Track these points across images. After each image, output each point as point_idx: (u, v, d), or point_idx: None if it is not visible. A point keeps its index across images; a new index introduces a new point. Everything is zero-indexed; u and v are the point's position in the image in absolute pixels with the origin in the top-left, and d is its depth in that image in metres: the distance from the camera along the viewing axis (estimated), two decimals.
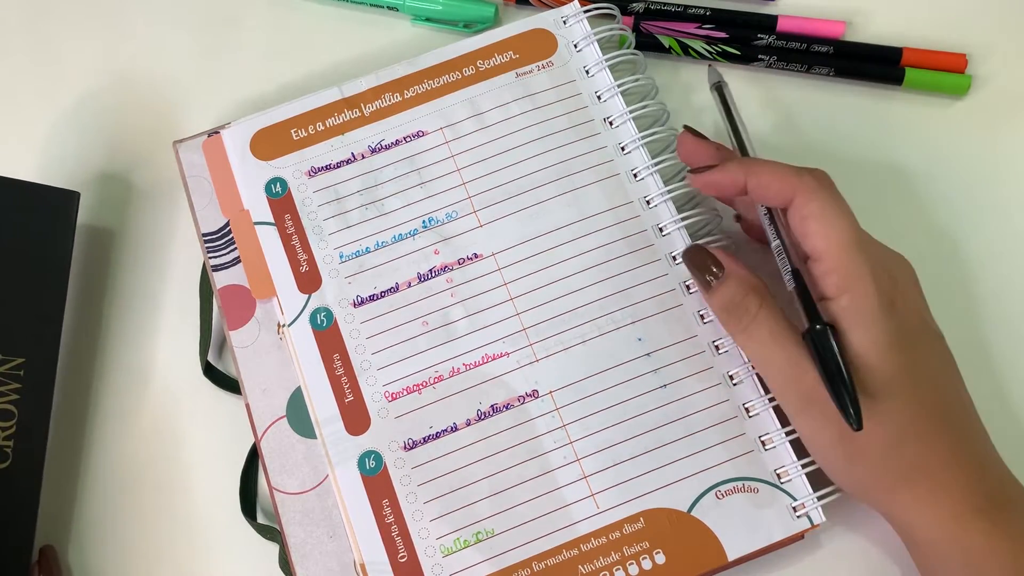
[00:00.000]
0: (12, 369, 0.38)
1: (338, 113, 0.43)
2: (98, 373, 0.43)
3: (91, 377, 0.43)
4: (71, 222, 0.42)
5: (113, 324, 0.44)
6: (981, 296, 0.43)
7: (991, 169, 0.45)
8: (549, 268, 0.41)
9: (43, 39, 0.49)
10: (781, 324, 0.35)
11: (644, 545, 0.37)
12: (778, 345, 0.35)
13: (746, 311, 0.36)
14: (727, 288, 0.37)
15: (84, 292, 0.45)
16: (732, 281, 0.37)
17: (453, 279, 0.41)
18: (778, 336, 0.35)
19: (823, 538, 0.39)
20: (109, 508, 0.42)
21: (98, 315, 0.44)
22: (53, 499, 0.41)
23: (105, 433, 0.43)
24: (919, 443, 0.34)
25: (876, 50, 0.47)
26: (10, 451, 0.38)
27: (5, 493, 0.38)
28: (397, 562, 0.37)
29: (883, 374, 0.34)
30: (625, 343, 0.39)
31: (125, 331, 0.44)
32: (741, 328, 0.36)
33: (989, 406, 0.37)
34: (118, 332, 0.44)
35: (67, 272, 0.41)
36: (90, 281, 0.45)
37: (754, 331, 0.36)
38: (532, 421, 0.39)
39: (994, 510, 0.33)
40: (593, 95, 0.43)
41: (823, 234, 0.35)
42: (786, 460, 0.38)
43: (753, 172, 0.36)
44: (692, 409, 0.38)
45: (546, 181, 0.42)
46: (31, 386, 0.39)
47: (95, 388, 0.43)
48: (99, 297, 0.45)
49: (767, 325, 0.35)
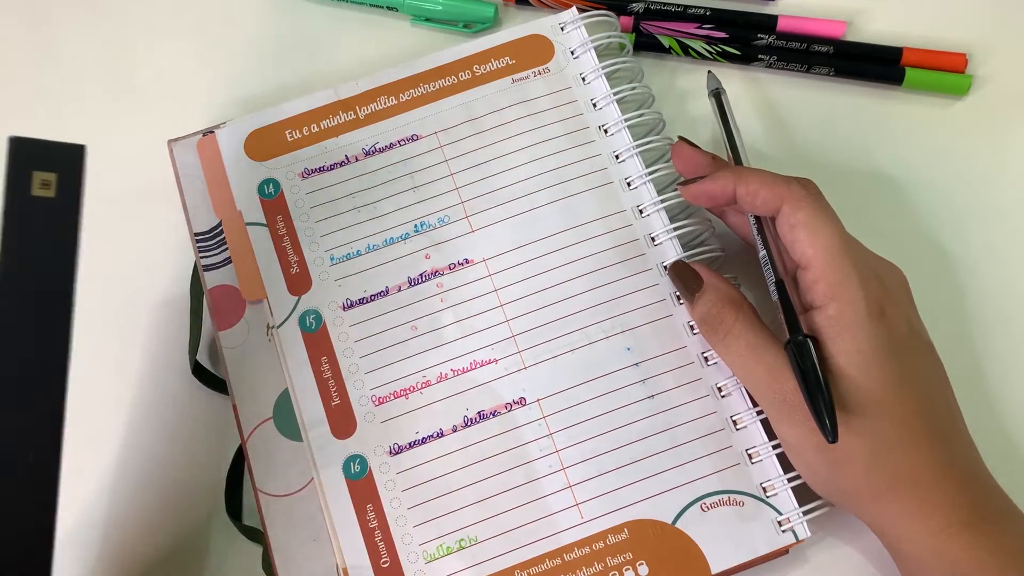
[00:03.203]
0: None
1: (333, 115, 0.43)
2: (85, 371, 0.43)
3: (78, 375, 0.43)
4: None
5: (102, 322, 0.44)
6: (979, 297, 0.43)
7: (991, 169, 0.45)
8: (540, 275, 0.41)
9: (43, 38, 0.49)
10: (759, 334, 0.36)
11: (628, 556, 0.37)
12: (756, 355, 0.35)
13: (722, 323, 0.36)
14: (705, 301, 0.37)
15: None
16: (710, 294, 0.37)
17: (443, 284, 0.41)
18: (756, 347, 0.35)
19: (808, 552, 0.39)
20: (93, 506, 0.42)
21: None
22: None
23: (90, 431, 0.43)
24: (905, 453, 0.34)
25: (876, 50, 0.47)
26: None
27: (23, 485, 0.35)
28: (380, 567, 0.37)
29: (870, 382, 0.34)
30: (614, 353, 0.39)
31: (114, 329, 0.44)
32: (719, 339, 0.37)
33: (979, 418, 0.36)
34: (107, 330, 0.44)
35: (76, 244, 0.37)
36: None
37: (731, 343, 0.36)
38: (519, 429, 0.39)
39: (981, 523, 0.33)
40: (589, 102, 0.43)
41: (811, 242, 0.35)
42: (772, 474, 0.38)
43: (743, 180, 0.36)
44: (679, 420, 0.38)
45: (539, 188, 0.42)
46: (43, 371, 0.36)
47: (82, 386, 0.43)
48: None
49: (744, 337, 0.36)
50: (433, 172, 0.42)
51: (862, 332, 0.34)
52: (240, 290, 0.41)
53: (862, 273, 0.35)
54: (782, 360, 0.35)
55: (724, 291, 0.37)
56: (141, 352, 0.44)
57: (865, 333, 0.34)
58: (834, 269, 0.34)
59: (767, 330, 0.36)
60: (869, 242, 0.37)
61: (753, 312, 0.37)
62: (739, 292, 0.38)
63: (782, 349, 0.35)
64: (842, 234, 0.35)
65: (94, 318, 0.44)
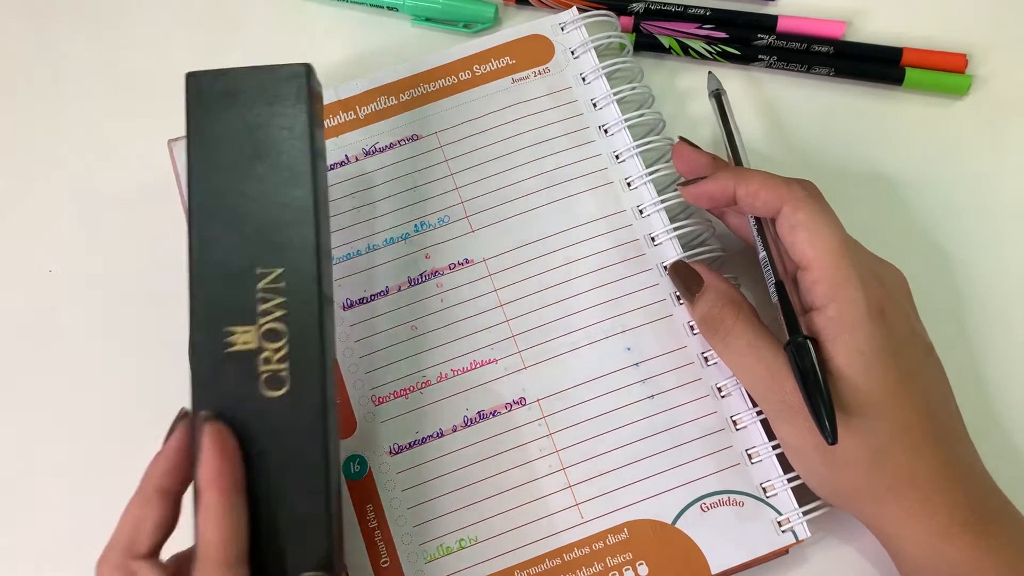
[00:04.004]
0: (272, 282, 0.33)
1: (332, 115, 0.43)
2: (84, 371, 0.43)
3: (77, 375, 0.43)
4: (304, 98, 0.35)
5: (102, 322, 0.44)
6: (979, 298, 0.43)
7: (991, 169, 0.45)
8: (540, 275, 0.41)
9: (43, 38, 0.49)
10: (759, 335, 0.36)
11: (627, 556, 0.37)
12: (755, 355, 0.35)
13: (722, 323, 0.36)
14: (705, 301, 0.37)
15: None
16: (710, 294, 0.37)
17: (443, 284, 0.41)
18: (755, 347, 0.35)
19: (808, 552, 0.39)
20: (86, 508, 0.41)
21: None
22: None
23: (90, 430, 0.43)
24: (905, 454, 0.34)
25: (876, 50, 0.47)
26: (286, 375, 0.32)
27: (290, 425, 0.32)
28: (380, 567, 0.37)
29: (870, 383, 0.34)
30: (614, 353, 0.39)
31: (113, 330, 0.44)
32: (720, 339, 0.37)
33: (978, 419, 0.36)
34: (106, 331, 0.44)
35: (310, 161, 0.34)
36: None
37: (731, 342, 0.36)
38: (518, 429, 0.39)
39: (981, 523, 0.33)
40: (589, 102, 0.43)
41: (811, 242, 0.35)
42: (772, 474, 0.38)
43: (743, 181, 0.36)
44: (679, 421, 0.38)
45: (539, 188, 0.42)
46: (297, 300, 0.33)
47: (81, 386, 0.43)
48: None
49: (744, 337, 0.36)
50: (433, 172, 0.42)
51: (862, 333, 0.34)
52: None
53: (862, 274, 0.35)
54: (782, 360, 0.35)
55: (725, 291, 0.37)
56: (139, 352, 0.44)
57: (865, 334, 0.34)
58: (834, 270, 0.34)
59: (767, 331, 0.36)
60: (869, 242, 0.37)
61: (753, 312, 0.37)
62: (739, 292, 0.38)
63: (782, 350, 0.35)
64: (842, 235, 0.35)
65: (93, 318, 0.44)
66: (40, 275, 0.45)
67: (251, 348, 0.32)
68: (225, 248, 0.33)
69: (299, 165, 0.33)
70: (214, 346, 0.32)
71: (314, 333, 0.32)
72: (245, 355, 0.32)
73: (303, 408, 0.32)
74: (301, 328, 0.32)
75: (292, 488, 0.32)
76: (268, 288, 0.33)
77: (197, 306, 0.33)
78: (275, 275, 0.33)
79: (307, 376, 0.32)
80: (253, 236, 0.33)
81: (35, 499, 0.42)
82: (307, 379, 0.32)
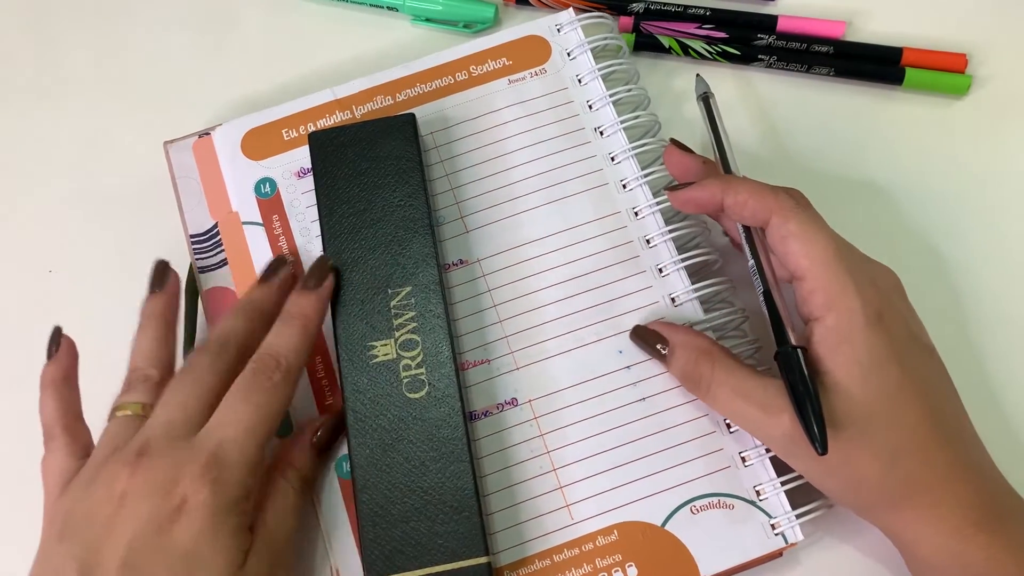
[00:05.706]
0: (403, 299, 0.38)
1: (330, 114, 0.44)
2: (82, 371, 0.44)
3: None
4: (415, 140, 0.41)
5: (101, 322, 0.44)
6: (979, 298, 0.43)
7: (991, 169, 0.45)
8: (534, 276, 0.41)
9: (43, 38, 0.50)
10: (740, 376, 0.36)
11: (617, 558, 0.37)
12: (742, 399, 0.35)
13: (701, 377, 0.36)
14: (677, 359, 0.37)
15: None
16: (679, 352, 0.37)
17: None
18: (740, 391, 0.35)
19: (801, 555, 0.39)
20: None
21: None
22: None
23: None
24: (916, 459, 0.33)
25: (876, 50, 0.46)
26: (424, 378, 0.37)
27: (434, 422, 0.37)
28: None
29: (872, 392, 0.33)
30: (606, 355, 0.39)
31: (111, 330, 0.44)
32: (704, 392, 0.37)
33: (982, 419, 0.36)
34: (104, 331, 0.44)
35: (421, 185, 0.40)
36: None
37: (715, 392, 0.36)
38: (510, 430, 0.39)
39: (994, 522, 0.33)
40: (585, 104, 0.43)
41: (804, 252, 0.35)
42: (764, 477, 0.38)
43: (731, 190, 0.36)
44: (670, 423, 0.38)
45: (534, 189, 0.42)
46: (425, 312, 0.38)
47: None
48: None
49: (727, 383, 0.36)
50: (428, 172, 0.42)
51: (861, 342, 0.33)
52: (236, 292, 0.41)
53: (858, 281, 0.34)
54: (772, 391, 0.34)
55: (692, 344, 0.37)
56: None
57: (864, 343, 0.33)
58: (830, 279, 0.34)
59: (748, 369, 0.36)
60: (869, 242, 0.37)
61: (727, 355, 0.37)
62: (708, 339, 0.37)
63: (770, 383, 0.35)
64: (835, 242, 0.35)
65: (91, 318, 0.44)
66: (40, 275, 0.45)
67: (391, 359, 0.37)
68: (360, 275, 0.39)
69: (415, 195, 0.40)
70: (360, 360, 0.37)
71: (443, 338, 0.38)
72: (387, 364, 0.37)
73: (443, 407, 0.37)
74: (431, 336, 0.38)
75: (442, 480, 0.36)
76: (400, 305, 0.38)
77: (342, 329, 0.38)
78: (404, 293, 0.38)
79: (442, 378, 0.37)
80: (382, 262, 0.39)
81: (36, 499, 0.42)
82: (442, 381, 0.37)
